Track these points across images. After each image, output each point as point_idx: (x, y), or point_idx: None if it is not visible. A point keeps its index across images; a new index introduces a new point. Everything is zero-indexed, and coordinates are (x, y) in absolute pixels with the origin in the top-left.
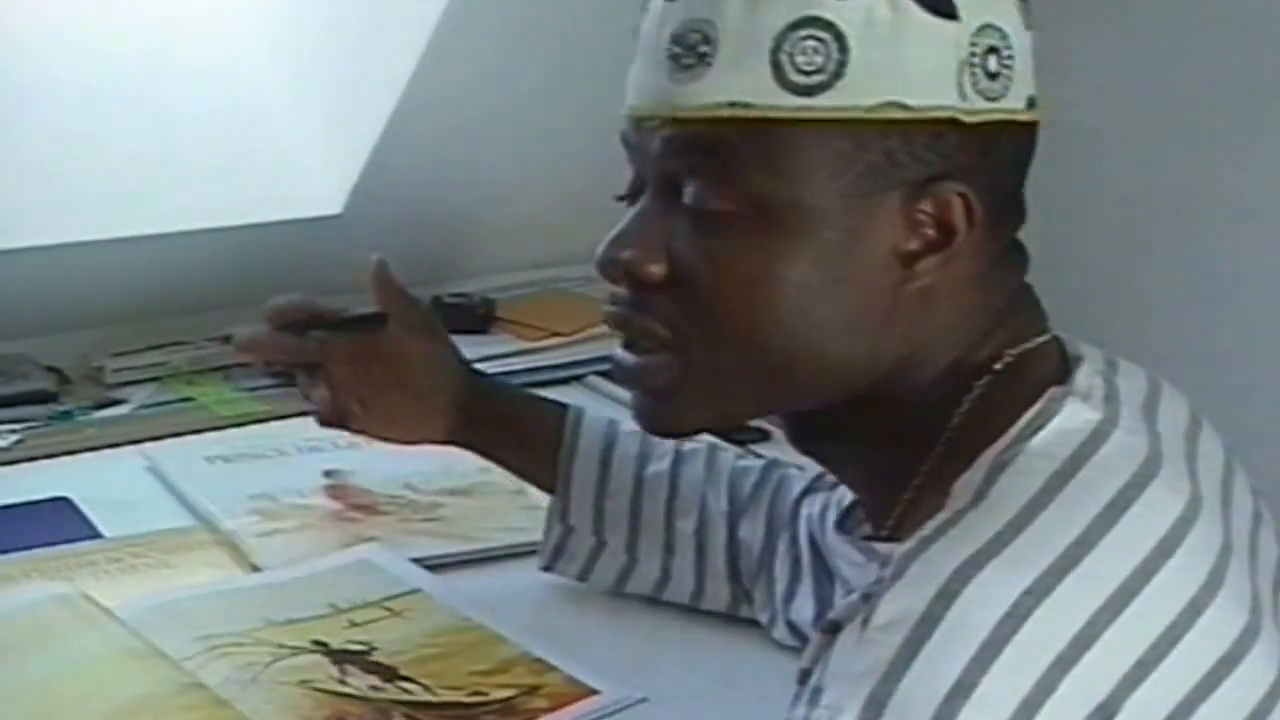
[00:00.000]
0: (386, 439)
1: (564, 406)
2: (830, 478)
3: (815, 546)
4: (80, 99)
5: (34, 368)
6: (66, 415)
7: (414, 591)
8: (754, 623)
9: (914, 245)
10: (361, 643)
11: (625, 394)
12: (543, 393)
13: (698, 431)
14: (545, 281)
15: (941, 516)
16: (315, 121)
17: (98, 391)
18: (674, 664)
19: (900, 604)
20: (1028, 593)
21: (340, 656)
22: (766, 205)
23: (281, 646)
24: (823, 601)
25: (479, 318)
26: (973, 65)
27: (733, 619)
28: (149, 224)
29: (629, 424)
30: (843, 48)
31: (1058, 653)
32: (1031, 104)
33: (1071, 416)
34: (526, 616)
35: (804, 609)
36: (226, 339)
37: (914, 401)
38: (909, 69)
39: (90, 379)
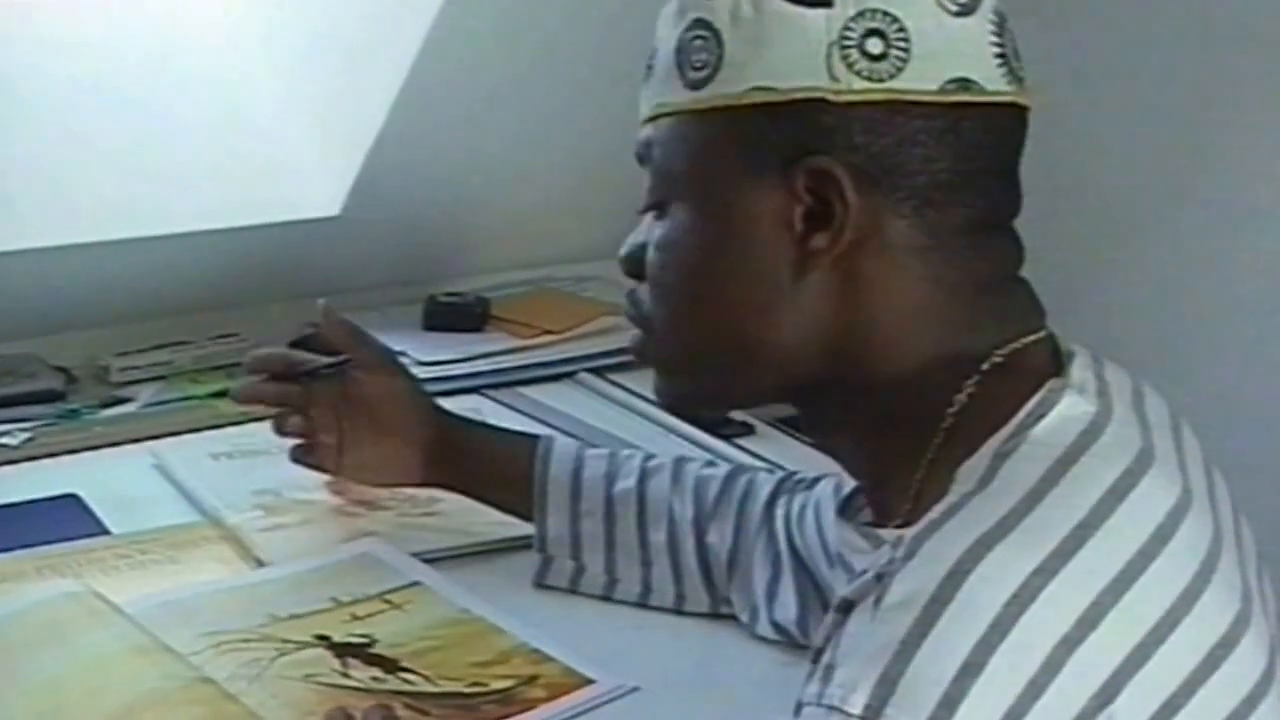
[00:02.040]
0: (362, 481)
1: (534, 438)
2: (803, 479)
3: (794, 546)
4: (84, 106)
5: (42, 367)
6: (74, 414)
7: (414, 584)
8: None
9: (798, 221)
10: (363, 635)
11: (613, 390)
12: (536, 389)
13: (688, 405)
14: (538, 281)
15: (949, 500)
16: (313, 125)
17: (104, 390)
18: (664, 654)
19: (912, 583)
20: (1036, 573)
21: (342, 649)
22: (677, 192)
23: (285, 642)
24: (805, 599)
25: (474, 316)
26: (845, 47)
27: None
28: (152, 226)
29: (595, 448)
30: (719, 43)
31: (1063, 634)
32: (966, 86)
33: (1070, 407)
34: (524, 608)
35: (787, 608)
36: (228, 337)
37: (901, 389)
38: (772, 55)
39: (97, 378)
